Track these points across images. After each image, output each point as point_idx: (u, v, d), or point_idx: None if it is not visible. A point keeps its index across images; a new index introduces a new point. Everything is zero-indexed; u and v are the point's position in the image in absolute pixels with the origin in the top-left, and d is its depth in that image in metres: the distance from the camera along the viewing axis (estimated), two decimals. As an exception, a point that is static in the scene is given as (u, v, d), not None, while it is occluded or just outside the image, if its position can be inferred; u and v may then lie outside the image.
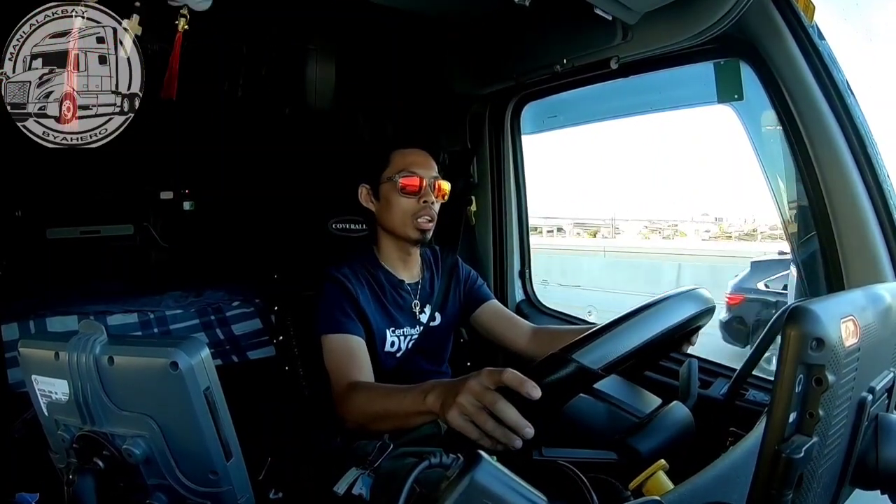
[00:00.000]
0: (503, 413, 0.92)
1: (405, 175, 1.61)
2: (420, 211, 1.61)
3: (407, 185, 1.61)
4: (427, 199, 1.61)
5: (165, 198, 3.54)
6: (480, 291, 1.84)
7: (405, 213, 1.62)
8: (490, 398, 0.93)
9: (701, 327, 1.26)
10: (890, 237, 1.36)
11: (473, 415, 0.95)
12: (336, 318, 1.52)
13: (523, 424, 0.92)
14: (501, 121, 2.31)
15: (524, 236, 2.41)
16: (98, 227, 3.37)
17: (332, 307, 1.54)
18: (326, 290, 1.57)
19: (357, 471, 1.30)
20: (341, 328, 1.51)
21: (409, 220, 1.62)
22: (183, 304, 2.91)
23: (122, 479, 0.74)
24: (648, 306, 1.08)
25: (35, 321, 2.50)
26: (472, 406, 0.95)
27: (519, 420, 0.92)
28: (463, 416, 0.96)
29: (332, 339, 1.50)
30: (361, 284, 1.61)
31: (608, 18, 1.45)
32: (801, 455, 0.61)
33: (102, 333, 0.73)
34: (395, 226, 1.64)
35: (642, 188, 43.03)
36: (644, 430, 1.13)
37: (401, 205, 1.62)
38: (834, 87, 1.40)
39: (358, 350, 1.50)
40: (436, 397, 1.07)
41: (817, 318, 0.62)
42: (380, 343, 1.60)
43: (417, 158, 1.66)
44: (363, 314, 1.56)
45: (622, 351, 0.99)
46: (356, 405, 1.32)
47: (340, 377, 1.43)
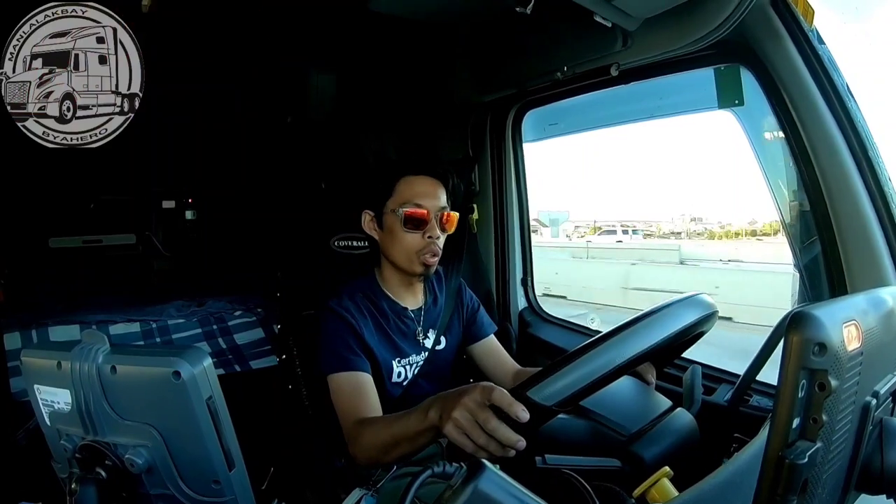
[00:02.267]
0: (495, 431, 0.94)
1: (410, 207, 1.53)
2: (424, 248, 1.54)
3: (412, 217, 1.53)
4: (432, 235, 1.54)
5: (167, 207, 3.56)
6: (481, 326, 1.79)
7: (409, 250, 1.54)
8: (483, 416, 0.96)
9: (703, 334, 1.25)
10: (892, 240, 1.36)
11: (468, 430, 0.97)
12: (342, 356, 1.46)
13: (515, 440, 0.94)
14: (503, 128, 2.31)
15: (526, 244, 2.40)
16: (100, 236, 3.39)
17: (336, 344, 1.48)
18: (329, 325, 1.51)
19: (361, 491, 1.31)
20: (348, 366, 1.45)
21: (414, 256, 1.54)
22: (185, 313, 2.93)
23: (124, 489, 0.74)
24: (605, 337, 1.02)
25: (37, 330, 2.51)
26: (467, 421, 0.97)
27: (510, 436, 0.94)
28: (458, 429, 0.98)
29: (340, 377, 1.44)
30: (364, 317, 1.55)
31: (608, 25, 1.45)
32: (805, 460, 0.61)
33: (105, 343, 0.73)
34: (397, 259, 1.57)
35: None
36: (648, 436, 1.13)
37: (404, 241, 1.54)
38: (834, 91, 1.40)
39: (366, 386, 1.45)
40: (435, 411, 1.07)
41: (820, 322, 0.62)
42: (387, 375, 1.56)
43: (425, 188, 1.56)
44: (368, 349, 1.51)
45: (575, 388, 0.97)
46: (366, 441, 1.28)
47: (350, 416, 1.38)
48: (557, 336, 2.19)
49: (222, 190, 3.52)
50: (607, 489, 1.00)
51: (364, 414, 1.38)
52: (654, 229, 26.16)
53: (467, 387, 1.02)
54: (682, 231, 25.50)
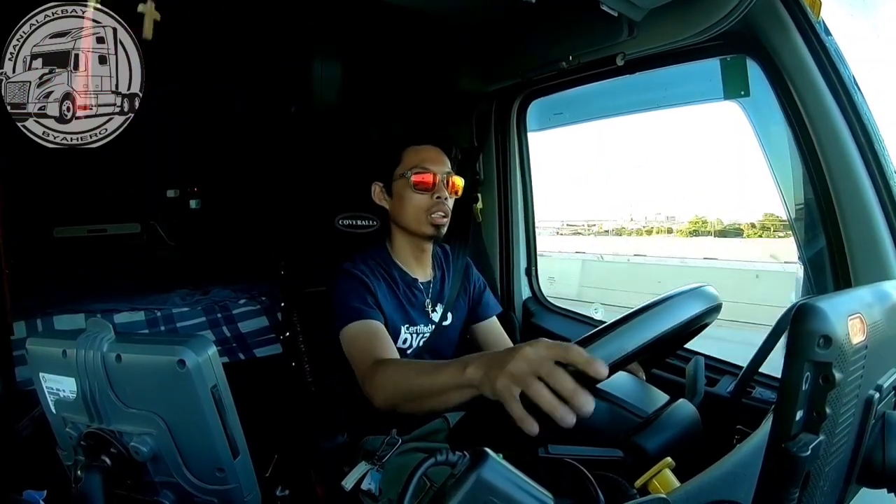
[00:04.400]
0: (561, 383, 0.81)
1: (418, 171, 1.61)
2: (433, 207, 1.60)
3: (420, 181, 1.60)
4: (440, 195, 1.60)
5: (172, 196, 3.56)
6: (487, 307, 1.84)
7: (419, 210, 1.61)
8: (547, 367, 0.82)
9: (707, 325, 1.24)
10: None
11: (527, 384, 0.83)
12: (355, 307, 1.48)
13: (584, 399, 0.80)
14: (507, 118, 2.30)
15: (530, 234, 2.40)
16: (105, 225, 3.41)
17: (350, 299, 1.50)
18: (342, 284, 1.54)
19: (366, 465, 1.30)
20: (361, 315, 1.47)
21: (423, 216, 1.61)
22: (189, 301, 2.93)
23: (129, 477, 0.74)
24: (653, 305, 1.05)
25: (42, 319, 2.51)
26: (526, 375, 0.83)
27: (578, 392, 0.80)
28: (514, 385, 0.84)
29: (353, 326, 1.46)
30: (378, 280, 1.59)
31: (614, 15, 1.44)
32: (807, 453, 0.61)
33: (109, 331, 0.73)
34: (408, 222, 1.63)
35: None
36: (650, 427, 1.13)
37: (414, 201, 1.61)
38: (841, 83, 1.39)
39: (381, 332, 1.47)
40: (477, 368, 0.95)
41: (825, 315, 0.62)
42: (394, 338, 1.57)
43: (430, 154, 1.65)
44: (380, 308, 1.54)
45: (631, 348, 0.94)
46: (387, 381, 1.24)
47: (366, 357, 1.37)
48: (561, 325, 2.19)
49: (226, 179, 3.53)
50: (609, 479, 1.01)
51: (381, 355, 1.38)
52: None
53: (525, 343, 0.89)
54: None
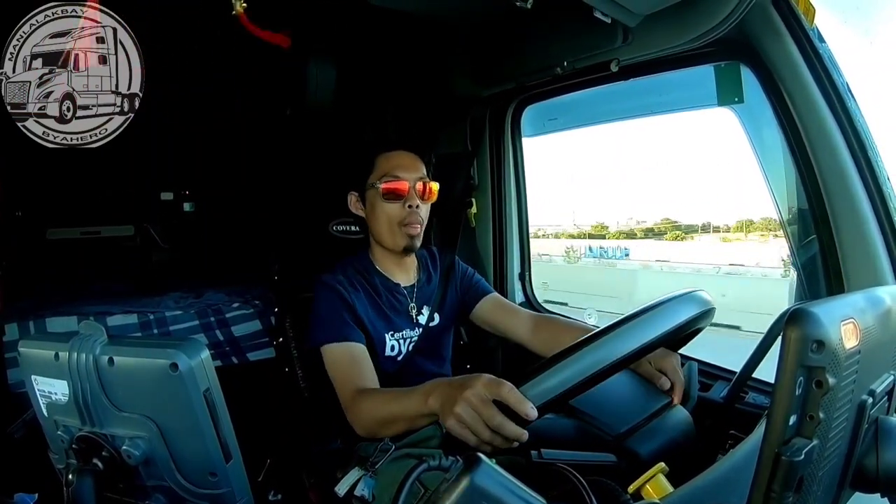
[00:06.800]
0: (501, 428, 0.95)
1: (387, 180, 1.58)
2: (406, 217, 1.58)
3: (389, 189, 1.57)
4: (412, 204, 1.58)
5: (166, 199, 3.55)
6: (479, 286, 1.80)
7: (391, 221, 1.58)
8: (487, 413, 0.95)
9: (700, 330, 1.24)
10: (890, 240, 1.36)
11: (471, 426, 0.97)
12: (336, 327, 1.49)
13: (520, 434, 0.95)
14: (502, 123, 2.31)
15: (524, 239, 2.41)
16: (98, 227, 3.39)
17: (330, 316, 1.51)
18: (321, 298, 1.55)
19: (359, 471, 1.30)
20: (341, 336, 1.48)
21: (396, 227, 1.58)
22: (183, 305, 2.92)
23: (121, 481, 0.74)
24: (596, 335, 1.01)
25: (35, 321, 2.50)
26: (470, 417, 0.97)
27: (515, 431, 0.95)
28: (461, 424, 0.98)
29: (334, 348, 1.47)
30: (356, 290, 1.58)
31: (608, 21, 1.45)
32: (801, 458, 0.61)
33: (102, 334, 0.73)
34: (382, 236, 1.61)
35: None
36: (643, 432, 1.13)
37: (385, 211, 1.58)
38: (834, 89, 1.40)
39: (361, 356, 1.48)
40: (435, 399, 1.07)
41: (818, 320, 0.62)
42: (380, 348, 1.58)
43: (402, 161, 1.61)
44: (361, 321, 1.54)
45: (565, 388, 0.95)
46: (363, 412, 1.31)
47: (346, 385, 1.41)
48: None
49: (221, 182, 3.52)
50: (603, 484, 1.00)
51: (361, 384, 1.40)
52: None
53: (469, 378, 1.02)
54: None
